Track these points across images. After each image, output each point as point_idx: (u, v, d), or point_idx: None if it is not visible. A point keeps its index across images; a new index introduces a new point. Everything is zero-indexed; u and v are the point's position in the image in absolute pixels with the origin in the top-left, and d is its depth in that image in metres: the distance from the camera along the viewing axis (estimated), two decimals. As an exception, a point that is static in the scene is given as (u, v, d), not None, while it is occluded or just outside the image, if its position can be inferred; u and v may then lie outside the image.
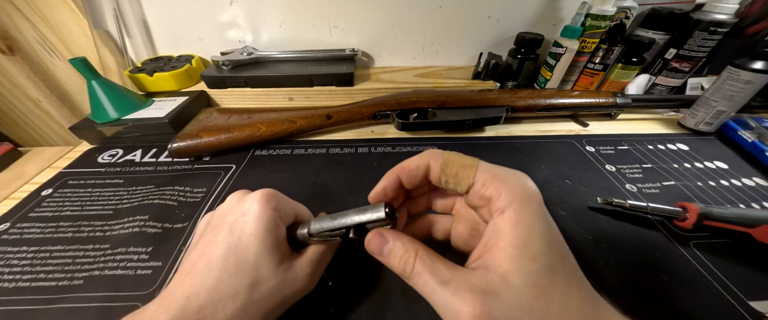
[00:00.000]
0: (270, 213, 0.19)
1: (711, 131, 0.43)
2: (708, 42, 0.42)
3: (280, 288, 0.18)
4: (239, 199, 0.21)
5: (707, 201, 0.32)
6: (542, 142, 0.42)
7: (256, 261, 0.18)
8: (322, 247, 0.21)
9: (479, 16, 0.51)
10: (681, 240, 0.28)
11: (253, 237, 0.18)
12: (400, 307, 0.23)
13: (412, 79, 0.52)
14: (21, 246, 0.28)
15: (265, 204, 0.20)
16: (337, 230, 0.19)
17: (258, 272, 0.18)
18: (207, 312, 0.16)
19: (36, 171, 0.37)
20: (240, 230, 0.19)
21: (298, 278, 0.19)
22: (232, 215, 0.20)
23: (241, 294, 0.17)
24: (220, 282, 0.17)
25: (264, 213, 0.19)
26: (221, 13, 0.50)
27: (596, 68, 0.48)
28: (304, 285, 0.20)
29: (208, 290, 0.17)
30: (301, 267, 0.20)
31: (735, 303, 0.24)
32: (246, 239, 0.18)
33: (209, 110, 0.45)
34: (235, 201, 0.21)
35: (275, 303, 0.18)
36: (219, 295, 0.17)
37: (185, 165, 0.38)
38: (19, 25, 0.48)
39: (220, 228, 0.19)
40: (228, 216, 0.20)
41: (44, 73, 0.54)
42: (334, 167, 0.37)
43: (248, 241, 0.18)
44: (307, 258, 0.20)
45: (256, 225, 0.19)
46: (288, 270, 0.19)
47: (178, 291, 0.17)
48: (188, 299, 0.17)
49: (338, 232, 0.19)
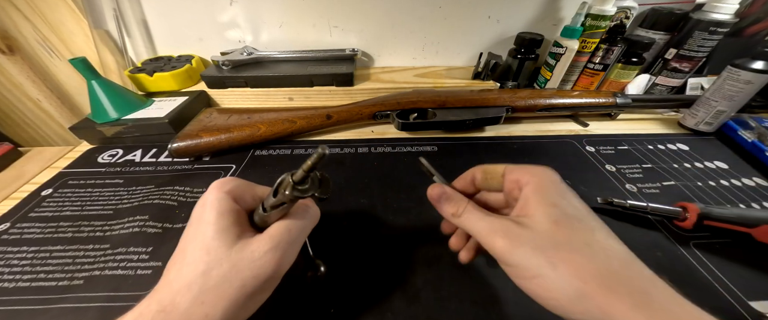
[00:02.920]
0: (221, 196, 0.19)
1: (711, 131, 0.43)
2: (708, 42, 0.42)
3: (235, 270, 0.17)
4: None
5: (707, 201, 0.32)
6: (542, 142, 0.42)
7: (208, 246, 0.17)
8: (283, 222, 0.19)
9: (479, 16, 0.51)
10: (681, 240, 0.28)
11: (207, 223, 0.18)
12: (401, 307, 0.23)
13: (412, 79, 0.52)
14: (21, 246, 0.28)
15: (217, 189, 0.20)
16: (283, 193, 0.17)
17: (210, 257, 0.17)
18: (165, 303, 0.16)
19: (36, 172, 0.37)
20: (198, 220, 0.19)
21: (255, 257, 0.17)
22: (196, 209, 0.20)
23: (196, 282, 0.17)
24: (178, 274, 0.17)
25: (216, 197, 0.19)
26: (221, 13, 0.50)
27: (596, 68, 0.48)
28: (264, 265, 0.18)
29: (169, 282, 0.17)
30: (259, 245, 0.18)
31: (735, 303, 0.24)
32: (203, 227, 0.18)
33: (209, 110, 0.45)
34: None
35: (234, 289, 0.17)
36: (177, 287, 0.17)
37: (185, 166, 0.38)
38: (19, 25, 0.48)
39: (189, 223, 0.20)
40: (195, 209, 0.20)
41: (44, 73, 0.54)
42: (334, 167, 0.37)
43: (204, 228, 0.18)
44: (266, 235, 0.19)
45: (209, 211, 0.19)
46: (242, 249, 0.18)
47: (154, 290, 0.18)
48: (156, 292, 0.17)
49: (284, 195, 0.17)
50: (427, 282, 0.25)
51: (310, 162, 0.16)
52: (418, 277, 0.25)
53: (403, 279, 0.25)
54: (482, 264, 0.26)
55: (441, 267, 0.26)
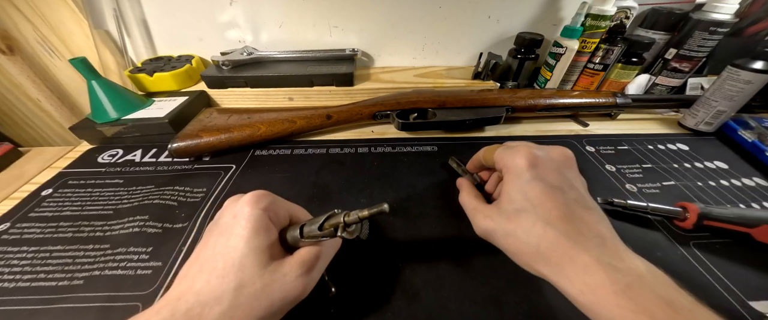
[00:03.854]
0: (258, 213, 0.19)
1: (711, 131, 0.43)
2: (708, 42, 0.42)
3: (267, 290, 0.18)
4: (233, 203, 0.21)
5: (707, 201, 0.32)
6: (542, 142, 0.41)
7: (241, 263, 0.18)
8: (315, 249, 0.20)
9: (479, 16, 0.51)
10: (681, 240, 0.28)
11: (241, 238, 0.18)
12: (401, 307, 0.23)
13: (412, 79, 0.52)
14: (21, 246, 0.28)
15: (254, 205, 0.20)
16: (328, 230, 0.19)
17: (243, 273, 0.18)
18: (193, 314, 0.16)
19: (36, 171, 0.37)
20: (229, 232, 0.19)
21: (286, 280, 0.18)
22: (225, 218, 0.20)
23: (226, 296, 0.17)
24: (207, 285, 0.17)
25: (253, 214, 0.19)
26: (221, 13, 0.50)
27: (596, 68, 0.48)
28: (294, 289, 0.19)
29: (197, 292, 0.17)
30: (291, 268, 0.19)
31: (735, 303, 0.24)
32: (234, 241, 0.18)
33: (209, 110, 0.45)
34: (230, 204, 0.21)
35: (262, 308, 0.18)
36: (205, 298, 0.17)
37: (185, 166, 0.38)
38: (19, 25, 0.48)
39: (213, 232, 0.20)
40: (222, 219, 0.20)
41: (44, 73, 0.54)
42: (334, 167, 0.37)
43: (236, 243, 0.18)
44: (298, 259, 0.19)
45: (244, 227, 0.19)
46: (275, 271, 0.18)
47: (173, 294, 0.18)
48: (179, 301, 0.17)
49: (328, 232, 0.19)
50: (427, 282, 0.25)
51: (368, 213, 0.18)
52: (418, 277, 0.25)
53: (403, 279, 0.25)
54: (482, 264, 0.26)
55: (441, 267, 0.26)
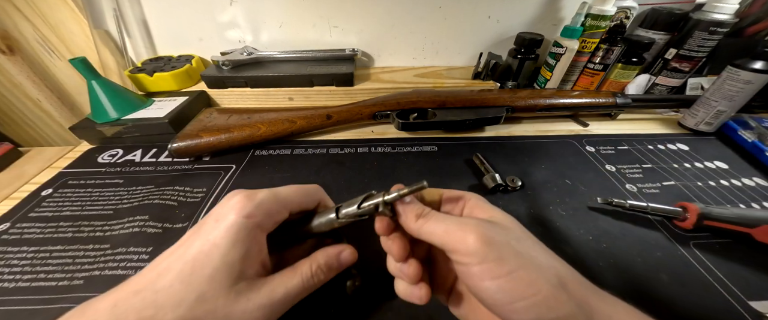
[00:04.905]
0: (241, 223, 0.18)
1: (711, 131, 0.43)
2: (708, 42, 0.42)
3: (225, 310, 0.17)
4: (226, 201, 0.19)
5: (707, 201, 0.32)
6: (542, 142, 0.42)
7: (211, 276, 0.17)
8: (289, 285, 0.19)
9: (479, 16, 0.51)
10: (681, 240, 0.28)
11: (216, 247, 0.17)
12: (400, 307, 0.23)
13: (412, 79, 0.52)
14: (21, 246, 0.28)
15: (238, 211, 0.18)
16: (368, 207, 0.18)
17: (209, 286, 0.16)
18: (147, 314, 0.15)
19: (36, 171, 0.37)
20: (206, 238, 0.18)
21: (247, 307, 0.17)
22: (210, 220, 0.19)
23: (184, 304, 0.16)
24: (170, 287, 0.16)
25: (235, 224, 0.18)
26: (221, 13, 0.50)
27: (596, 68, 0.48)
28: (253, 319, 0.17)
29: (157, 291, 0.16)
30: (257, 297, 0.17)
31: (735, 303, 0.24)
32: (208, 248, 0.17)
33: (209, 110, 0.45)
34: (223, 203, 0.20)
35: None
36: (164, 300, 0.16)
37: (185, 166, 0.38)
38: (19, 25, 0.48)
39: (196, 232, 0.19)
40: (209, 219, 0.19)
41: (44, 73, 0.54)
42: (334, 167, 0.37)
43: (210, 251, 0.17)
44: (268, 291, 0.18)
45: (223, 236, 0.17)
46: (240, 293, 0.17)
47: (133, 284, 0.17)
48: (136, 294, 0.16)
49: (368, 210, 0.18)
50: (427, 282, 0.25)
51: (408, 191, 0.18)
52: (418, 277, 0.25)
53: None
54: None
55: (441, 267, 0.26)
